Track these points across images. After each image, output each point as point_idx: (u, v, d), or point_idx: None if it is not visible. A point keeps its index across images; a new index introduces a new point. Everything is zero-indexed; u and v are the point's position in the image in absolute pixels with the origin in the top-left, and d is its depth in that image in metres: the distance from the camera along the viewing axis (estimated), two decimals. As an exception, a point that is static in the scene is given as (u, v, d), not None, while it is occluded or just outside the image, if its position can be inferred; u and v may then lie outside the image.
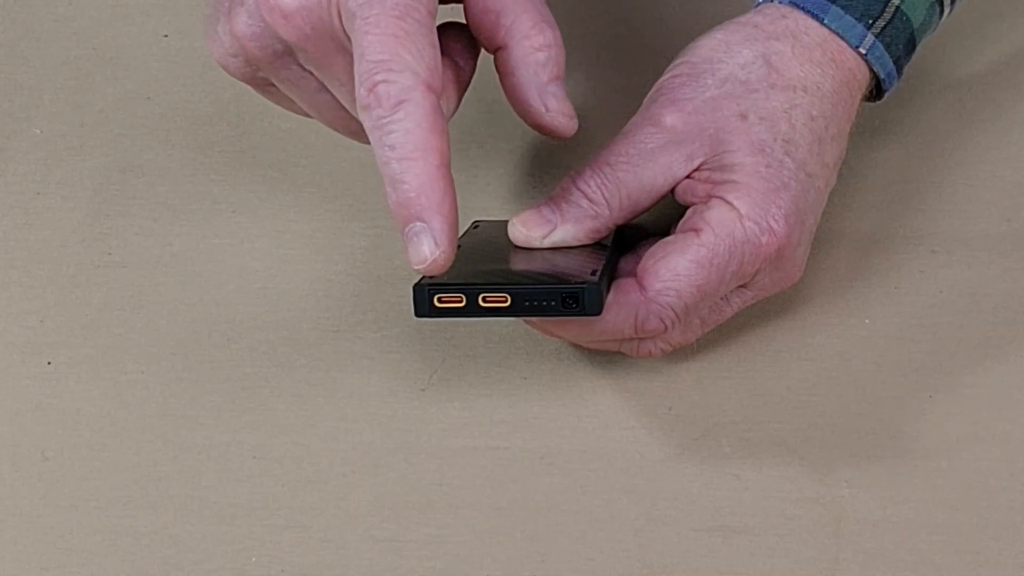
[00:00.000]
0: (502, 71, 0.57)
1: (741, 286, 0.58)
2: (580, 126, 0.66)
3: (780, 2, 0.60)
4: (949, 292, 0.63)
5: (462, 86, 0.57)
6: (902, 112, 0.67)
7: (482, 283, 0.52)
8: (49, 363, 0.63)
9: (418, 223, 0.49)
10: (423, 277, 0.53)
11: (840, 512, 0.58)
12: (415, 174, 0.49)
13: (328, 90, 0.56)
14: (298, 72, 0.55)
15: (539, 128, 0.57)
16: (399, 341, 0.63)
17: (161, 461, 0.61)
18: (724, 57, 0.58)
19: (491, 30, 0.56)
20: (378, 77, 0.49)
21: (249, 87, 0.58)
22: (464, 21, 0.57)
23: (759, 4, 0.60)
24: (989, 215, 0.65)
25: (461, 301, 0.52)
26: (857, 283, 0.63)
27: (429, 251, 0.50)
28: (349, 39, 0.51)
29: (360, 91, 0.50)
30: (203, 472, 0.60)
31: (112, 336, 0.64)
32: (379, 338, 0.63)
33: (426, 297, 0.52)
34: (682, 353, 0.61)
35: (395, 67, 0.49)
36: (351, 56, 0.52)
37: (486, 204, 0.66)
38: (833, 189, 0.60)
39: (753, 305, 0.60)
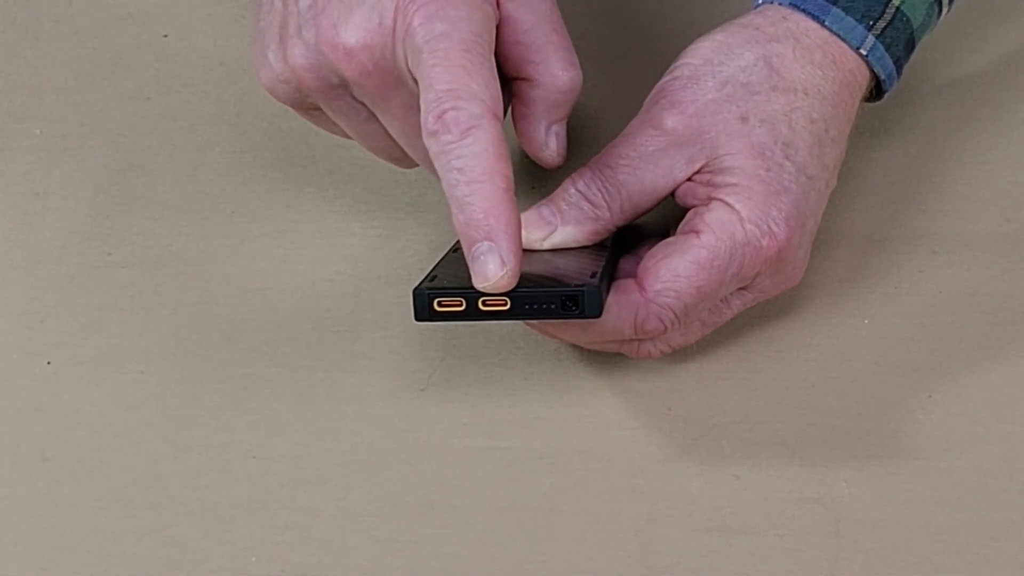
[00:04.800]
0: (518, 99, 0.59)
1: (741, 288, 0.58)
2: (580, 126, 0.66)
3: (780, 3, 0.59)
4: (949, 292, 0.63)
5: None
6: (902, 112, 0.67)
7: (482, 286, 0.52)
8: (49, 363, 0.63)
9: (485, 243, 0.51)
10: (422, 281, 0.53)
11: (840, 512, 0.58)
12: (483, 196, 0.51)
13: (377, 120, 0.57)
14: (350, 103, 0.57)
15: (531, 155, 0.60)
16: (399, 341, 0.63)
17: (161, 461, 0.61)
18: (725, 59, 0.58)
19: (519, 62, 0.58)
20: (447, 105, 0.51)
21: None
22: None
23: (759, 5, 0.60)
24: (989, 215, 0.65)
25: (461, 305, 0.52)
26: (857, 283, 0.63)
27: (495, 269, 0.51)
28: (411, 75, 0.53)
29: (428, 119, 0.51)
30: (203, 472, 0.60)
31: (112, 336, 0.64)
32: (379, 338, 0.63)
33: (426, 302, 0.52)
34: (682, 354, 0.61)
35: (464, 96, 0.51)
36: (407, 92, 0.54)
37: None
38: (833, 190, 0.60)
39: (753, 305, 0.60)
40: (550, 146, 0.59)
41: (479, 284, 0.51)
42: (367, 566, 0.58)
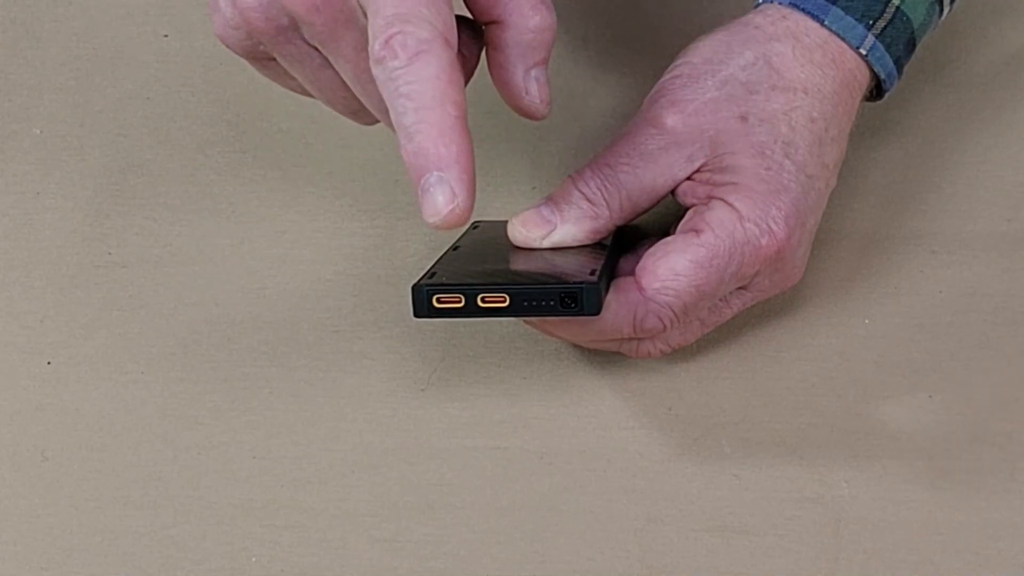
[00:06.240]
0: (491, 44, 0.56)
1: (741, 288, 0.58)
2: (580, 126, 0.66)
3: (780, 3, 0.60)
4: (949, 292, 0.63)
5: (466, 76, 0.56)
6: (902, 112, 0.67)
7: (481, 283, 0.52)
8: (49, 363, 0.63)
9: (435, 173, 0.48)
10: (421, 277, 0.53)
11: (840, 512, 0.58)
12: (431, 123, 0.48)
13: (331, 67, 0.54)
14: (302, 47, 0.54)
15: (513, 107, 0.57)
16: (399, 341, 0.63)
17: (161, 461, 0.61)
18: (725, 58, 0.58)
19: (487, 3, 0.55)
20: (394, 29, 0.48)
21: (248, 64, 0.57)
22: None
23: (759, 5, 0.60)
24: (989, 215, 0.65)
25: (460, 301, 0.52)
26: (857, 283, 0.63)
27: (445, 201, 0.48)
28: (361, 9, 0.50)
29: (374, 45, 0.48)
30: (203, 472, 0.60)
31: (112, 336, 0.64)
32: (379, 338, 0.63)
33: (425, 297, 0.52)
34: (682, 353, 0.61)
35: (412, 19, 0.48)
36: (359, 31, 0.51)
37: (486, 204, 0.66)
38: (833, 189, 0.60)
39: (753, 305, 0.60)
40: (531, 92, 0.55)
41: (429, 219, 0.48)
42: (367, 566, 0.58)
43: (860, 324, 0.62)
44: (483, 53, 0.56)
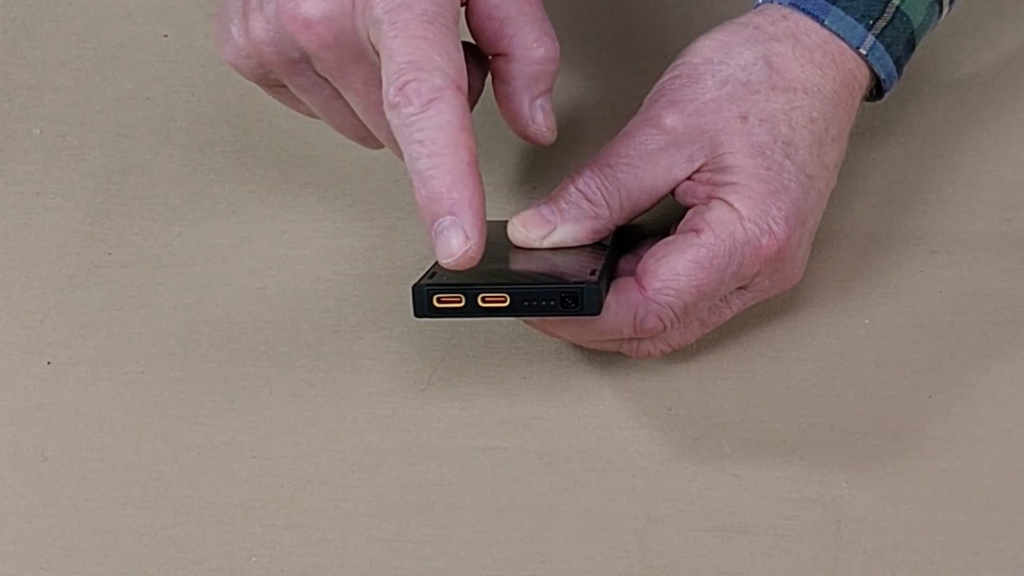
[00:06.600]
0: (497, 76, 0.57)
1: (741, 288, 0.58)
2: (580, 126, 0.66)
3: (780, 3, 0.60)
4: (949, 292, 0.63)
5: (472, 102, 0.58)
6: (902, 112, 0.67)
7: (481, 283, 0.52)
8: (49, 363, 0.63)
9: (448, 217, 0.50)
10: (422, 277, 0.53)
11: (840, 512, 0.58)
12: (446, 169, 0.49)
13: (341, 97, 0.56)
14: (312, 78, 0.56)
15: (520, 134, 0.59)
16: (399, 341, 0.63)
17: (161, 461, 0.61)
18: (725, 58, 0.58)
19: (493, 37, 0.56)
20: (408, 76, 0.50)
21: (257, 86, 0.58)
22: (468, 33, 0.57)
23: (759, 5, 0.60)
24: (989, 215, 0.65)
25: (460, 301, 0.52)
26: (857, 283, 0.63)
27: (459, 244, 0.50)
28: (372, 48, 0.52)
29: (389, 91, 0.50)
30: (203, 472, 0.60)
31: (112, 336, 0.64)
32: (379, 338, 0.63)
33: (425, 297, 0.52)
34: (682, 353, 0.61)
35: (425, 67, 0.50)
36: (369, 66, 0.53)
37: (486, 204, 0.66)
38: (833, 189, 0.60)
39: (753, 305, 0.60)
40: (537, 120, 0.58)
41: (443, 260, 0.50)
42: (367, 566, 0.58)
43: (860, 324, 0.62)
44: (488, 79, 0.58)
